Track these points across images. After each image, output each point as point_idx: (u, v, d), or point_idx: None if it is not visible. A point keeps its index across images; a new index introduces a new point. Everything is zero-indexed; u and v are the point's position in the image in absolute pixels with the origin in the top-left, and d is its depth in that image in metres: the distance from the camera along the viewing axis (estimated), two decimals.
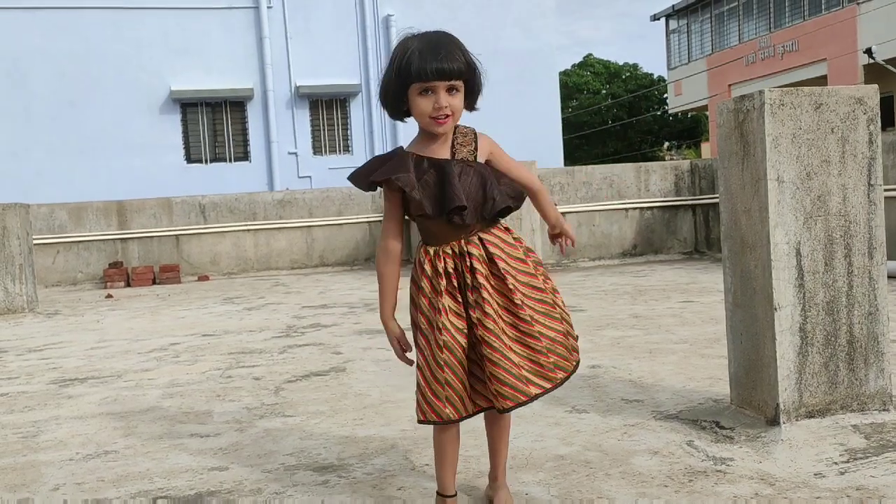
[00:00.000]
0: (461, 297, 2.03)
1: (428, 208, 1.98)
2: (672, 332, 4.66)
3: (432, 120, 1.99)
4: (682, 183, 10.47)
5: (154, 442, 2.96)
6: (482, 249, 2.04)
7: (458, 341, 2.00)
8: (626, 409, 3.06)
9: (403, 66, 1.95)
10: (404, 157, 2.02)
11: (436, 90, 1.97)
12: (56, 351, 5.28)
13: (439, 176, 2.00)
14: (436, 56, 1.94)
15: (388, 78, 2.01)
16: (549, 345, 2.04)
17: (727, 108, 2.73)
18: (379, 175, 2.01)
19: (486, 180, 2.02)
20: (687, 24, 31.34)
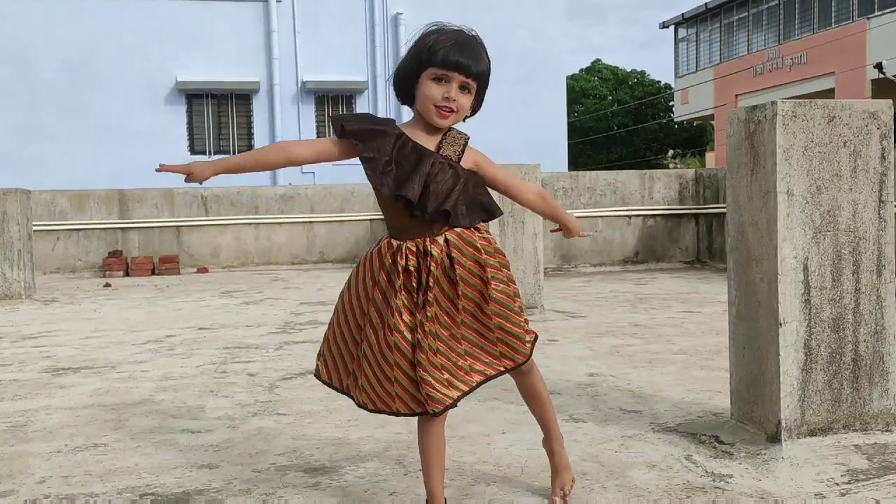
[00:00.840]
0: (416, 297, 2.00)
1: (386, 190, 1.94)
2: (672, 343, 4.62)
3: (436, 109, 1.97)
4: (687, 192, 10.43)
5: (144, 436, 2.92)
6: (444, 251, 2.01)
7: (408, 341, 1.98)
8: (624, 420, 3.02)
9: (429, 47, 1.94)
10: (393, 133, 1.99)
11: (451, 81, 1.96)
12: (51, 339, 5.24)
13: (416, 163, 1.97)
14: (464, 50, 1.95)
15: (409, 58, 2.00)
16: (502, 336, 2.05)
17: (738, 117, 2.69)
18: (351, 126, 1.97)
19: (458, 184, 1.99)
20: (696, 33, 31.30)
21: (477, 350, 2.05)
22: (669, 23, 32.47)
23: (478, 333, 2.05)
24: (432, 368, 1.97)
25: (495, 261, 2.06)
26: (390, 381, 2.00)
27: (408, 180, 1.94)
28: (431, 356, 1.98)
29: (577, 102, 40.72)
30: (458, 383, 2.01)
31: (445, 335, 2.01)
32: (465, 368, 2.03)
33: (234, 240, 11.48)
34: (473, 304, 2.04)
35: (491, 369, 2.06)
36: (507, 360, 2.07)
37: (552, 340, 4.77)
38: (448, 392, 1.98)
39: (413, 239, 2.01)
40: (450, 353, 2.01)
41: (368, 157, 1.96)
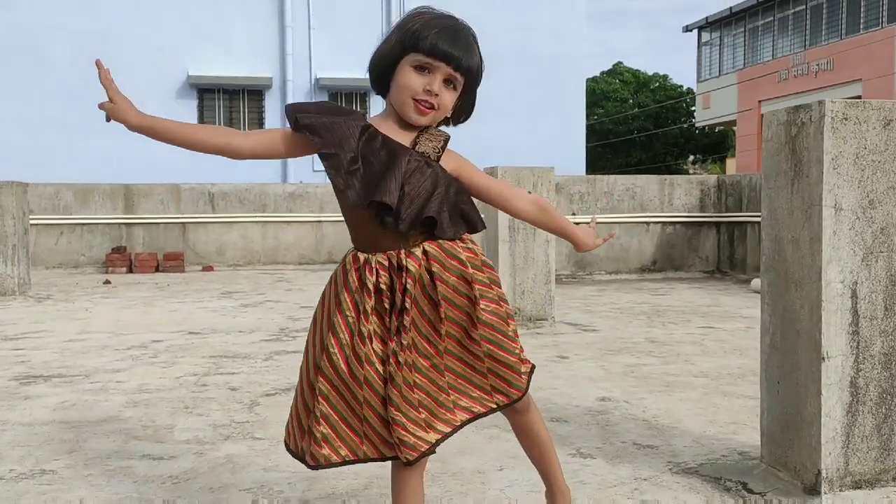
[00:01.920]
0: (388, 320, 1.67)
1: (352, 195, 1.61)
2: (692, 363, 4.27)
3: (414, 103, 1.65)
4: (708, 199, 10.03)
5: (99, 463, 2.61)
6: (423, 265, 1.68)
7: (380, 374, 1.66)
8: (639, 457, 2.68)
9: (414, 31, 1.63)
10: (357, 125, 1.65)
11: (434, 72, 1.64)
12: (32, 341, 4.97)
13: (388, 161, 1.63)
14: (453, 38, 1.64)
15: (390, 41, 1.67)
16: (492, 366, 1.72)
17: (778, 119, 2.34)
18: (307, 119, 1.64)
19: (438, 187, 1.66)
20: (720, 37, 30.77)
21: (463, 383, 1.72)
22: (693, 26, 31.96)
23: (464, 363, 1.72)
24: (407, 406, 1.65)
25: (484, 276, 1.73)
26: (359, 419, 1.68)
27: (381, 181, 1.61)
28: (406, 391, 1.65)
29: (597, 105, 40.24)
30: (438, 423, 1.69)
31: (425, 365, 1.69)
32: (448, 405, 1.71)
33: (240, 238, 11.22)
34: (459, 327, 1.71)
35: (479, 406, 1.73)
36: (499, 394, 1.74)
37: (562, 357, 4.43)
38: (424, 435, 1.66)
39: (384, 251, 1.68)
40: (430, 387, 1.69)
41: (328, 153, 1.63)
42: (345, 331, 1.68)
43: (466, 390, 1.72)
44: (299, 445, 1.76)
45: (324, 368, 1.69)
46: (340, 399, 1.68)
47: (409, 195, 1.63)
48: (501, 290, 1.78)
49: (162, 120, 1.70)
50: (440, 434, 1.69)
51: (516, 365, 1.74)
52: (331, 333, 1.69)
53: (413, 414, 1.65)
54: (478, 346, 1.71)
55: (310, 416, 1.71)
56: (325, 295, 1.76)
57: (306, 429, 1.73)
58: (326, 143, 1.63)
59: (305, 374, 1.76)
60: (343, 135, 1.64)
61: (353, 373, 1.66)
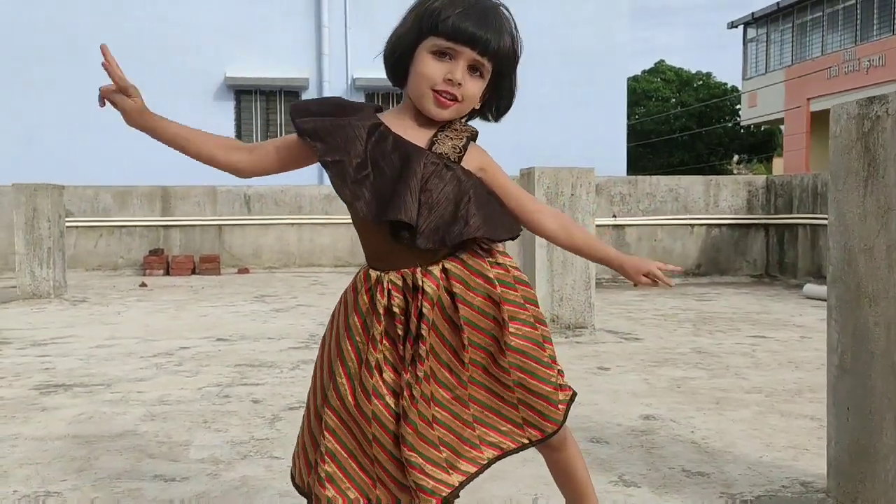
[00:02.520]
0: (402, 348, 1.46)
1: (363, 208, 1.40)
2: (743, 377, 3.99)
3: (434, 95, 1.43)
4: (756, 200, 9.65)
5: (108, 483, 2.46)
6: (442, 286, 1.46)
7: (391, 410, 1.45)
8: (688, 486, 2.43)
9: (431, 10, 1.41)
10: (365, 124, 1.43)
11: (457, 58, 1.41)
12: (59, 347, 4.89)
13: (402, 166, 1.41)
14: (479, 17, 1.40)
15: (406, 23, 1.45)
16: (523, 396, 1.50)
17: (848, 112, 2.09)
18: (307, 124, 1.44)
19: (465, 193, 1.43)
20: (766, 33, 29.99)
21: (490, 415, 1.51)
22: (738, 23, 31.21)
23: (491, 393, 1.51)
24: (424, 445, 1.44)
25: (517, 295, 1.51)
26: (370, 458, 1.48)
27: (395, 194, 1.40)
28: (424, 428, 1.44)
29: (638, 104, 39.60)
30: (462, 463, 1.48)
31: (446, 398, 1.48)
32: (473, 441, 1.50)
33: (276, 240, 11.15)
34: (485, 353, 1.50)
35: (509, 441, 1.52)
36: (532, 428, 1.53)
37: (603, 369, 4.19)
38: (446, 477, 1.45)
39: (398, 269, 1.47)
40: (452, 422, 1.48)
41: (331, 160, 1.42)
42: (353, 359, 1.48)
43: (495, 424, 1.51)
44: (306, 481, 1.57)
45: (331, 399, 1.49)
46: (349, 434, 1.48)
47: (428, 204, 1.41)
48: (538, 309, 1.56)
49: (169, 126, 1.55)
50: (464, 475, 1.48)
51: (551, 395, 1.52)
52: (339, 360, 1.49)
53: (432, 454, 1.44)
54: (507, 374, 1.50)
55: (316, 451, 1.51)
56: (334, 315, 1.57)
57: (312, 464, 1.53)
58: (329, 148, 1.42)
59: (313, 401, 1.57)
60: (348, 137, 1.42)
61: (361, 407, 1.46)
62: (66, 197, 10.11)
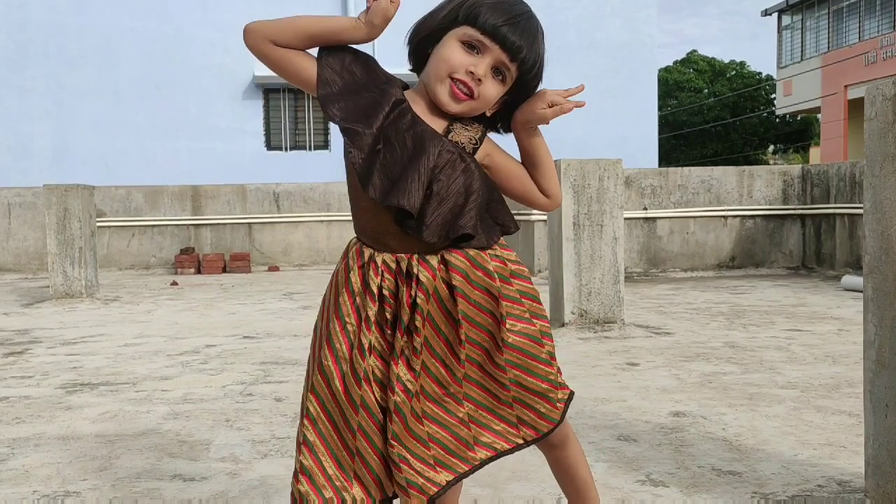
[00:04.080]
0: (389, 334, 1.40)
1: (368, 184, 1.34)
2: (777, 372, 3.87)
3: (451, 83, 1.37)
4: (791, 190, 9.43)
5: (127, 483, 2.44)
6: (439, 277, 1.41)
7: (378, 398, 1.40)
8: (718, 486, 2.35)
9: (472, 3, 1.37)
10: (390, 95, 1.39)
11: (485, 53, 1.37)
12: (88, 345, 4.93)
13: (414, 147, 1.36)
14: (518, 24, 1.36)
15: (442, 8, 1.41)
16: (519, 395, 1.45)
17: (883, 94, 1.98)
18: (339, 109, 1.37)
19: (473, 192, 1.39)
20: (801, 20, 29.37)
21: (485, 414, 1.46)
22: (773, 10, 30.61)
23: (487, 392, 1.46)
24: (412, 440, 1.39)
25: (513, 289, 1.45)
26: (350, 452, 1.41)
27: (400, 177, 1.35)
28: (414, 423, 1.39)
29: (670, 96, 39.08)
30: (453, 462, 1.43)
31: (439, 394, 1.43)
32: (468, 440, 1.44)
33: (305, 237, 11.19)
34: (482, 350, 1.45)
35: (503, 441, 1.46)
36: (527, 427, 1.47)
37: (632, 364, 4.09)
38: (434, 475, 1.40)
39: (392, 252, 1.42)
40: (445, 419, 1.43)
41: (351, 129, 1.36)
42: (343, 341, 1.42)
43: (489, 423, 1.46)
44: None
45: (316, 387, 1.43)
46: (330, 425, 1.42)
47: (438, 195, 1.37)
48: (537, 304, 1.49)
49: None
50: (453, 474, 1.42)
51: (549, 392, 1.47)
52: (326, 343, 1.43)
53: (420, 450, 1.39)
54: (503, 372, 1.44)
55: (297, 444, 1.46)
56: (325, 298, 1.51)
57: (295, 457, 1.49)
58: (349, 114, 1.35)
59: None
60: (372, 105, 1.37)
61: (350, 392, 1.40)
62: (99, 197, 10.25)
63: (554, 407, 1.47)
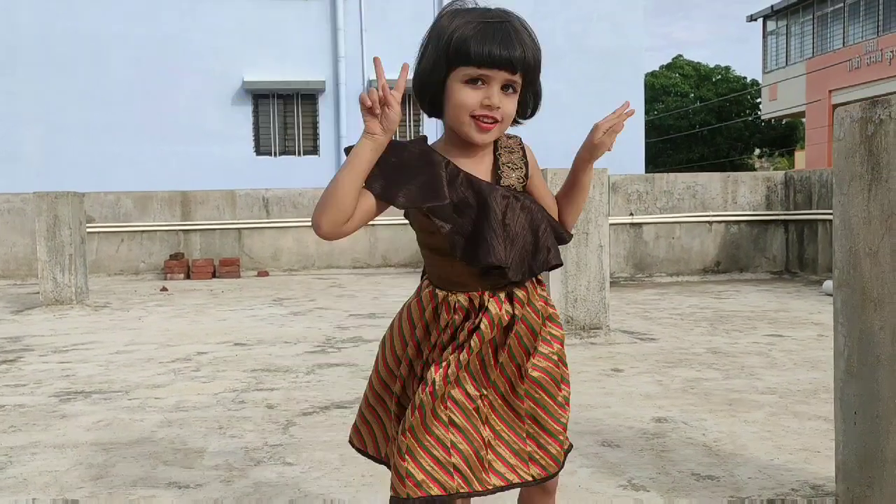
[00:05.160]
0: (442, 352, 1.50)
1: (458, 251, 1.43)
2: (757, 377, 3.97)
3: (474, 121, 1.43)
4: (775, 196, 9.57)
5: (124, 491, 2.51)
6: (505, 310, 1.50)
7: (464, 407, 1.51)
8: (697, 490, 2.44)
9: (452, 40, 1.40)
10: (439, 162, 1.45)
11: (490, 82, 1.42)
12: (80, 353, 4.97)
13: (478, 204, 1.44)
14: (499, 36, 1.40)
15: (429, 55, 1.44)
16: (533, 430, 1.53)
17: (851, 116, 2.08)
18: (406, 197, 1.42)
19: (540, 223, 1.49)
20: (786, 26, 29.66)
21: (500, 444, 1.52)
22: (758, 16, 30.90)
23: (504, 423, 1.53)
24: (430, 440, 1.46)
25: (546, 331, 1.55)
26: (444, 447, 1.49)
27: (479, 236, 1.43)
28: (435, 425, 1.47)
29: (656, 100, 39.34)
30: (469, 476, 1.48)
31: (469, 408, 1.50)
32: (486, 462, 1.50)
33: (295, 242, 11.23)
34: (506, 381, 1.53)
35: (514, 475, 1.52)
36: (536, 466, 1.53)
37: (616, 370, 4.19)
38: (447, 479, 1.46)
39: (466, 292, 1.51)
40: (472, 434, 1.49)
41: (433, 208, 1.44)
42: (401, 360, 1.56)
43: (503, 454, 1.52)
44: (382, 451, 1.62)
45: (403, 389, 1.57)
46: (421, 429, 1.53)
47: (509, 238, 1.46)
48: (563, 348, 1.58)
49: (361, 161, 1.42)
50: (467, 488, 1.47)
51: (559, 435, 1.55)
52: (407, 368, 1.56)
53: (438, 451, 1.46)
54: (521, 402, 1.52)
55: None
56: (395, 324, 1.60)
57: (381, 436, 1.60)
58: (417, 195, 1.42)
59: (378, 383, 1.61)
60: (428, 177, 1.43)
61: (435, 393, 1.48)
62: (88, 203, 10.26)
63: (561, 449, 1.55)
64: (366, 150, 1.39)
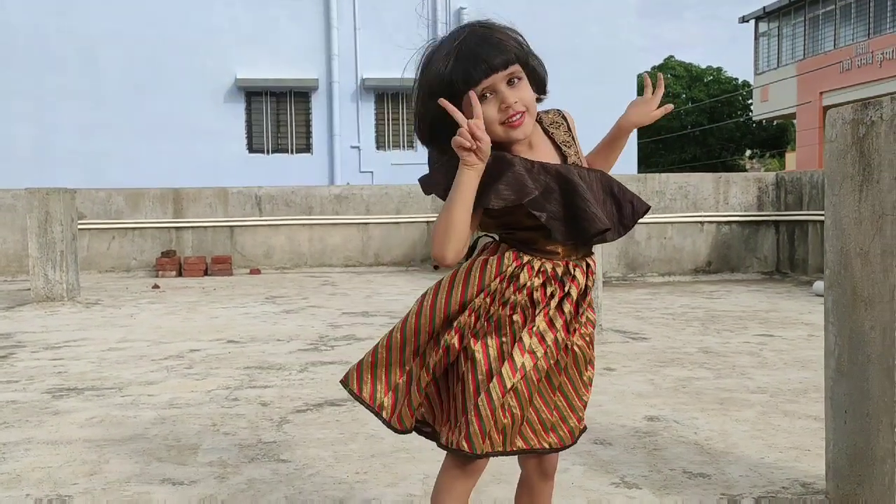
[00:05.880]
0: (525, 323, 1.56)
1: (558, 234, 1.50)
2: (748, 377, 4.00)
3: (504, 126, 1.50)
4: (766, 197, 9.62)
5: (118, 487, 2.51)
6: (585, 277, 1.59)
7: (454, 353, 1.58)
8: (689, 488, 2.46)
9: (442, 80, 1.47)
10: (512, 162, 1.51)
11: (495, 88, 1.49)
12: (72, 350, 4.96)
13: (563, 188, 1.52)
14: (479, 47, 1.47)
15: (429, 108, 1.50)
16: (560, 402, 1.60)
17: (843, 118, 2.10)
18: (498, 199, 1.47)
19: (610, 182, 1.60)
20: (778, 27, 29.80)
21: (532, 412, 1.58)
22: (749, 17, 31.02)
23: (539, 392, 1.59)
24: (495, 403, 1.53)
25: (586, 303, 1.62)
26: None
27: (577, 214, 1.50)
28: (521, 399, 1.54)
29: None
30: (508, 434, 1.54)
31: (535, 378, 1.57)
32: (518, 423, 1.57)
33: (287, 240, 11.22)
34: (556, 350, 1.61)
35: (535, 440, 1.59)
36: (555, 435, 1.60)
37: (609, 369, 4.21)
38: (494, 438, 1.54)
39: (551, 259, 1.56)
40: (524, 399, 1.56)
41: (531, 202, 1.50)
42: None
43: (532, 420, 1.58)
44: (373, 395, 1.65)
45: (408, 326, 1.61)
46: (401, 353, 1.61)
47: (600, 204, 1.56)
48: (594, 333, 1.66)
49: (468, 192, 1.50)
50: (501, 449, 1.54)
51: (579, 411, 1.62)
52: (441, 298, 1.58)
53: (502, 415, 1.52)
54: (559, 374, 1.58)
55: None
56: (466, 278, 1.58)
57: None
58: (510, 193, 1.49)
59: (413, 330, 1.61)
60: (516, 173, 1.50)
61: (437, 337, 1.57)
62: (79, 199, 10.22)
63: (579, 425, 1.62)
64: (471, 180, 1.46)
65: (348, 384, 1.64)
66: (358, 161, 15.66)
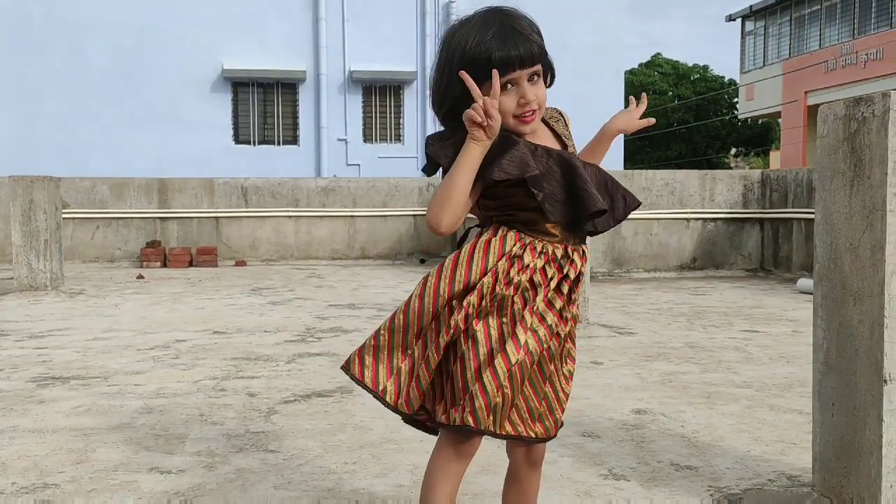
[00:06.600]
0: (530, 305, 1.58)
1: (554, 215, 1.53)
2: (734, 371, 4.03)
3: (517, 120, 1.55)
4: (751, 194, 9.69)
5: (105, 475, 2.49)
6: (581, 262, 1.63)
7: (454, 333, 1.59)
8: (676, 480, 2.48)
9: (471, 58, 1.48)
10: (517, 143, 1.54)
11: (518, 82, 1.53)
12: (56, 339, 4.92)
13: (564, 170, 1.55)
14: (515, 39, 1.50)
15: (452, 82, 1.51)
16: (548, 393, 1.62)
17: (835, 113, 2.12)
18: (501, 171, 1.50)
19: (606, 177, 1.64)
20: (764, 27, 29.98)
21: (521, 399, 1.59)
22: (736, 16, 31.19)
23: (529, 379, 1.61)
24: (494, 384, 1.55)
25: (578, 291, 1.66)
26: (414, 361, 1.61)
27: (573, 195, 1.54)
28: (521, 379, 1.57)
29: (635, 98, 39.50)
30: (499, 415, 1.55)
31: None
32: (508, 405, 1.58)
33: (273, 232, 11.17)
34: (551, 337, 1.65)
35: (523, 428, 1.60)
36: (541, 426, 1.61)
37: (596, 363, 4.23)
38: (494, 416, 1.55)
39: (552, 242, 1.60)
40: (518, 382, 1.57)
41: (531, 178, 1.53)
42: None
43: (520, 406, 1.59)
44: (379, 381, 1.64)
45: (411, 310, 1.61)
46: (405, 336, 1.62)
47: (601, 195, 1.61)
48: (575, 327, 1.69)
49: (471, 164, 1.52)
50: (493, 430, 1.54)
51: (563, 403, 1.65)
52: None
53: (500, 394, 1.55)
54: (549, 362, 1.60)
55: None
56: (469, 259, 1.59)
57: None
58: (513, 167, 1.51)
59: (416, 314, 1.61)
60: (521, 152, 1.53)
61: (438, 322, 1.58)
62: (63, 188, 10.12)
63: (561, 416, 1.65)
64: (476, 153, 1.49)
65: (350, 369, 1.64)
66: (345, 153, 15.61)
